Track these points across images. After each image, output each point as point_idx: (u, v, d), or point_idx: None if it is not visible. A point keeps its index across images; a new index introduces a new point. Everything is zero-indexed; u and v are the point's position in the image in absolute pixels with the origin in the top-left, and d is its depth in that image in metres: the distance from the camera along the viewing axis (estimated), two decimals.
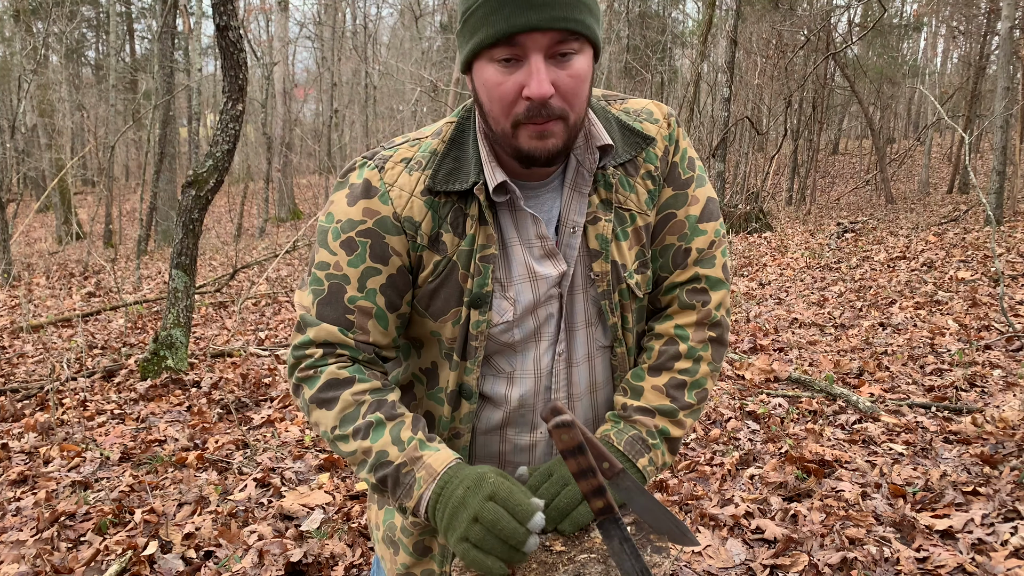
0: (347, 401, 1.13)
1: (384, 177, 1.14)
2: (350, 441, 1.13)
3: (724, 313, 1.25)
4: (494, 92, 1.04)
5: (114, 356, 6.11)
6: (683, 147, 1.24)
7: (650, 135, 1.20)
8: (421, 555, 1.29)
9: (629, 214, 1.20)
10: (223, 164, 5.25)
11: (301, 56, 45.66)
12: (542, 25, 0.98)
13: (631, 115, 1.22)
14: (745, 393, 4.53)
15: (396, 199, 1.13)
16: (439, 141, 1.16)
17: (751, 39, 18.78)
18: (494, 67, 1.03)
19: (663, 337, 1.25)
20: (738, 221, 13.05)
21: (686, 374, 1.22)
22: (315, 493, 3.33)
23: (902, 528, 2.82)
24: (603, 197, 1.17)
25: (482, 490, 1.02)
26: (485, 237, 1.13)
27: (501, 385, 1.21)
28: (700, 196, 1.25)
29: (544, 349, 1.20)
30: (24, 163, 18.90)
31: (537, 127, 1.04)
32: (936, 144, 27.78)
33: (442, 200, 1.13)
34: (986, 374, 4.51)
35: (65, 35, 22.47)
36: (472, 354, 1.18)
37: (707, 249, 1.24)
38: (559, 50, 1.01)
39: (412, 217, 1.13)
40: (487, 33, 1.00)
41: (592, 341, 1.23)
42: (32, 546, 2.93)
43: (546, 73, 1.01)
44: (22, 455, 3.99)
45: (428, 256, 1.15)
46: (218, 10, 4.97)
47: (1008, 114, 10.98)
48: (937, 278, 7.56)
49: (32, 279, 11.60)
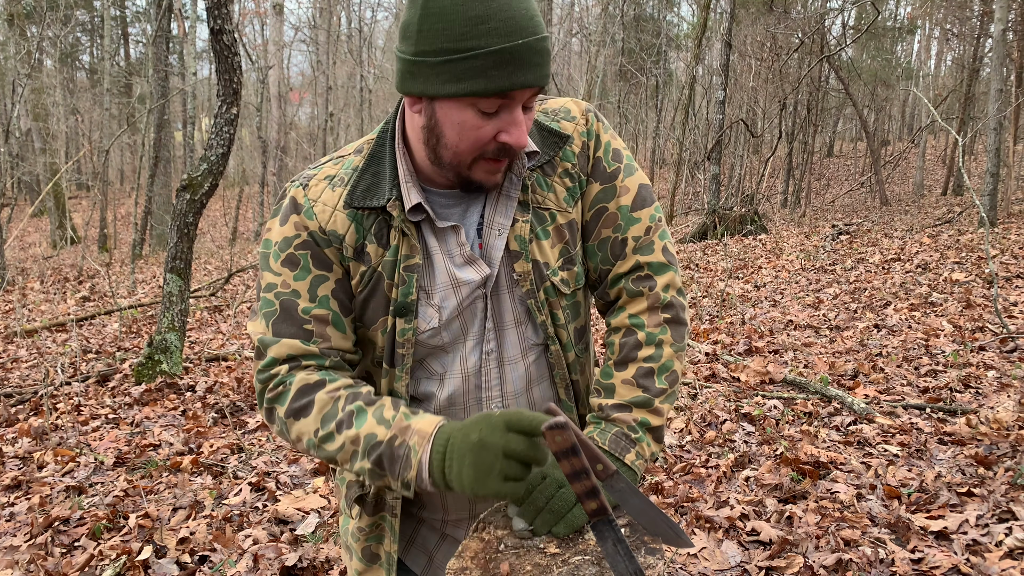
0: (323, 400, 1.13)
1: (308, 194, 1.17)
2: (336, 437, 1.11)
3: (675, 294, 1.25)
4: (467, 134, 1.07)
5: (108, 360, 6.09)
6: (604, 140, 1.25)
7: (566, 133, 1.22)
8: (370, 562, 1.31)
9: (548, 213, 1.22)
10: (218, 168, 5.24)
11: (296, 60, 45.67)
12: (535, 84, 1.03)
13: (549, 115, 1.24)
14: (740, 395, 4.53)
15: (320, 214, 1.16)
16: (360, 158, 1.19)
17: (746, 42, 18.83)
18: (473, 112, 1.05)
19: (620, 329, 1.25)
20: (733, 223, 13.08)
21: (651, 360, 1.23)
22: (310, 497, 3.32)
23: (897, 529, 2.83)
24: (520, 199, 1.19)
25: (494, 427, 1.01)
26: (408, 248, 1.16)
27: (433, 385, 1.23)
28: (631, 185, 1.26)
29: (471, 348, 1.22)
30: (18, 167, 18.84)
31: (495, 164, 1.10)
32: (930, 146, 27.88)
33: (365, 213, 1.16)
34: (980, 375, 4.53)
35: (59, 39, 22.42)
36: (400, 361, 1.20)
37: (643, 236, 1.25)
38: (530, 103, 1.08)
39: (336, 230, 1.16)
40: (486, 86, 1.01)
41: (524, 339, 1.24)
42: (26, 551, 2.92)
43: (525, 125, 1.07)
44: (16, 460, 3.98)
45: (355, 267, 1.18)
46: (212, 14, 4.97)
47: (1001, 116, 11.02)
48: (931, 280, 7.58)
49: (26, 284, 11.56)
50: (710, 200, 13.78)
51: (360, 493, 1.27)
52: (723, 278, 8.78)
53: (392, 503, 1.27)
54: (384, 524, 1.29)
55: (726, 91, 13.87)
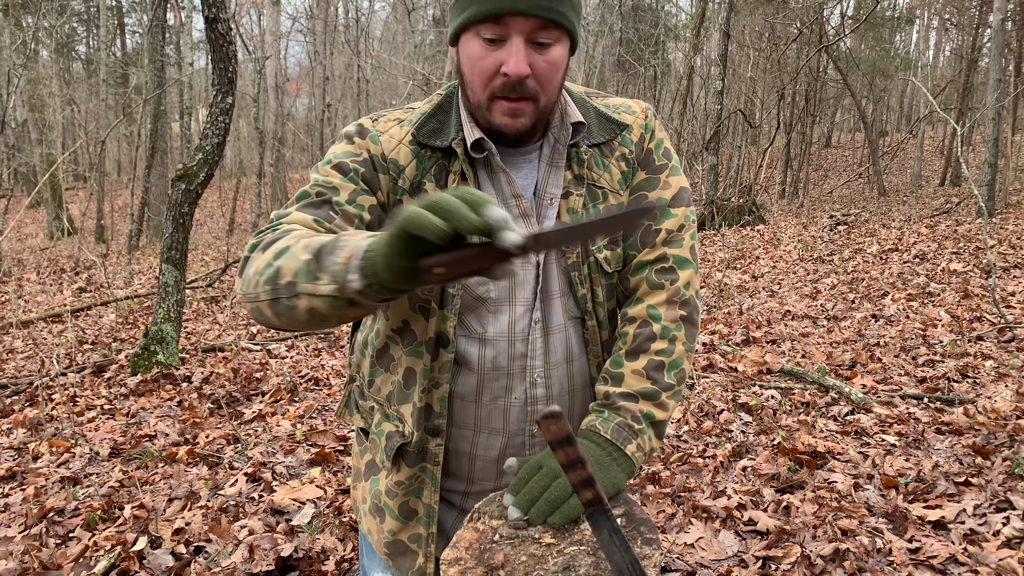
0: (304, 232, 1.04)
1: (376, 126, 1.23)
2: (291, 249, 0.98)
3: (693, 293, 1.28)
4: (476, 65, 1.13)
5: (104, 351, 6.07)
6: (659, 137, 1.32)
7: (626, 122, 1.29)
8: (407, 518, 1.30)
9: (602, 192, 1.26)
10: (213, 158, 5.22)
11: (293, 50, 45.59)
12: (527, 10, 1.08)
13: (610, 108, 1.31)
14: (738, 385, 4.53)
15: (385, 143, 1.21)
16: (429, 105, 1.26)
17: (744, 32, 18.76)
18: (479, 42, 1.12)
19: (636, 320, 1.26)
20: (731, 214, 13.06)
21: (663, 354, 1.24)
22: (306, 487, 3.31)
23: (894, 519, 2.82)
24: (576, 173, 1.24)
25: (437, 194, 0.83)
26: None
27: (474, 346, 1.24)
28: (673, 183, 1.30)
29: (520, 314, 1.23)
30: (15, 158, 18.80)
31: (510, 104, 1.14)
32: (928, 137, 27.84)
33: (428, 153, 1.21)
34: (978, 365, 4.52)
35: (55, 29, 22.32)
36: (449, 302, 1.21)
37: (676, 231, 1.28)
38: (539, 37, 1.11)
39: (398, 160, 1.21)
40: (476, 10, 1.09)
41: (565, 311, 1.26)
42: (20, 542, 2.91)
43: (525, 55, 1.10)
44: (11, 451, 3.96)
45: (408, 202, 1.18)
46: (207, 2, 4.93)
47: (1000, 106, 11.00)
48: (929, 270, 7.57)
49: (22, 275, 11.53)
50: (708, 191, 13.75)
51: (402, 442, 1.27)
52: (721, 268, 8.77)
53: (435, 450, 1.27)
54: (425, 475, 1.29)
55: (724, 81, 13.82)
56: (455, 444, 1.29)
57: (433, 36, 26.25)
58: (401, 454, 1.28)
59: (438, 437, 1.26)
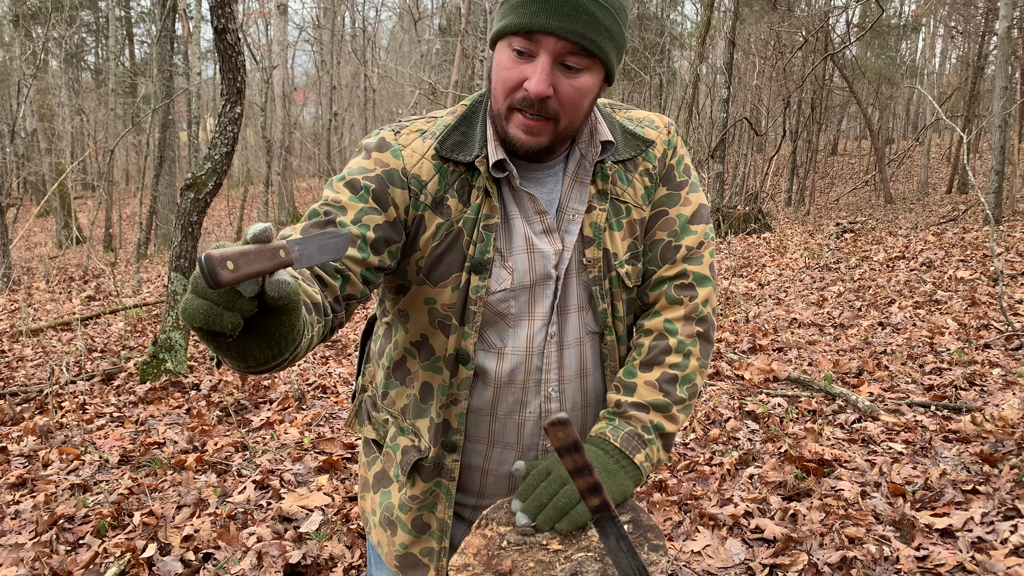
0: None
1: (399, 139, 1.21)
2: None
3: (710, 311, 1.28)
4: (501, 74, 1.13)
5: (113, 359, 6.10)
6: (680, 153, 1.32)
7: (650, 138, 1.29)
8: (419, 532, 1.30)
9: (625, 206, 1.26)
10: (221, 167, 5.25)
11: (300, 60, 45.70)
12: (558, 32, 1.07)
13: (634, 122, 1.31)
14: (744, 393, 4.53)
15: (408, 157, 1.19)
16: (452, 117, 1.24)
17: (749, 40, 18.78)
18: (509, 52, 1.11)
19: (652, 332, 1.27)
20: (737, 222, 13.05)
21: (677, 368, 1.24)
22: (314, 495, 3.32)
23: (902, 527, 2.82)
24: (600, 188, 1.24)
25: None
26: (489, 208, 1.19)
27: (492, 360, 1.24)
28: (693, 200, 1.31)
29: (538, 328, 1.24)
30: (24, 168, 18.89)
31: (526, 120, 1.13)
32: (935, 144, 27.78)
33: (450, 167, 1.20)
34: (985, 373, 4.51)
35: (64, 40, 22.48)
36: (471, 319, 1.21)
37: (695, 248, 1.29)
38: (569, 60, 1.10)
39: (420, 176, 1.19)
40: (511, 21, 1.09)
41: (583, 325, 1.26)
42: (31, 549, 2.93)
43: (549, 75, 1.09)
44: (21, 458, 3.99)
45: (430, 218, 1.19)
46: (216, 13, 4.97)
47: (1006, 114, 10.97)
48: (936, 278, 7.55)
49: (32, 283, 11.59)
50: (714, 198, 13.75)
51: (418, 457, 1.28)
52: (727, 276, 8.76)
53: (451, 466, 1.28)
54: (440, 490, 1.29)
55: (730, 89, 13.84)
56: (468, 458, 1.30)
57: (439, 45, 26.34)
58: (417, 469, 1.29)
59: (455, 453, 1.27)
